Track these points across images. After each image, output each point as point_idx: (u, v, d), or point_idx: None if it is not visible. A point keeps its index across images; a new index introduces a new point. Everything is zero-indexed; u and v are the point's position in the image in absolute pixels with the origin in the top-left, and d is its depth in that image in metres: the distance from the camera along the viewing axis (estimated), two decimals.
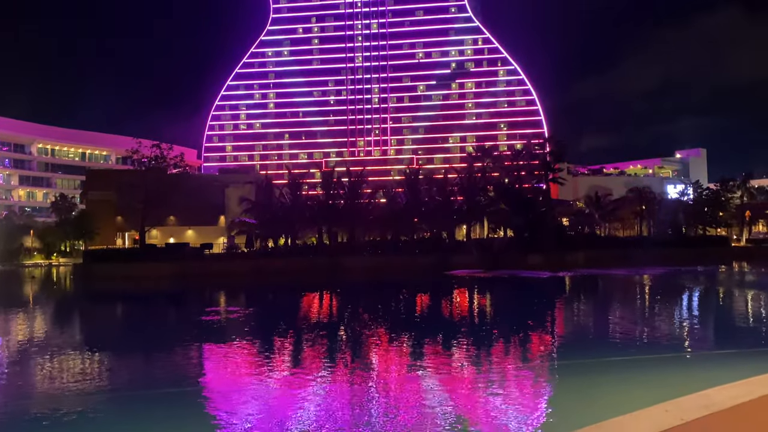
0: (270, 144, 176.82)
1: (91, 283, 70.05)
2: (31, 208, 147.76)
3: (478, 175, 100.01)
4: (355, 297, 52.12)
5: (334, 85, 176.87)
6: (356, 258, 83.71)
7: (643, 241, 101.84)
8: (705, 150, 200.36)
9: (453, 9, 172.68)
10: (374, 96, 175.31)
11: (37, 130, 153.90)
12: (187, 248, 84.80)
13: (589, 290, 56.86)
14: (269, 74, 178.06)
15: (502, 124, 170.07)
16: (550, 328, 34.14)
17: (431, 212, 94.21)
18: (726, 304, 44.90)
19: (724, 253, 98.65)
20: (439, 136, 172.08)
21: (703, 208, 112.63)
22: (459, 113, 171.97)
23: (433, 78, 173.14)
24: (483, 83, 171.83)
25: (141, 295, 59.80)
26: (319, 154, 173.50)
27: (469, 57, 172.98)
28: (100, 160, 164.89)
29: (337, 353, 25.95)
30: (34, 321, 40.59)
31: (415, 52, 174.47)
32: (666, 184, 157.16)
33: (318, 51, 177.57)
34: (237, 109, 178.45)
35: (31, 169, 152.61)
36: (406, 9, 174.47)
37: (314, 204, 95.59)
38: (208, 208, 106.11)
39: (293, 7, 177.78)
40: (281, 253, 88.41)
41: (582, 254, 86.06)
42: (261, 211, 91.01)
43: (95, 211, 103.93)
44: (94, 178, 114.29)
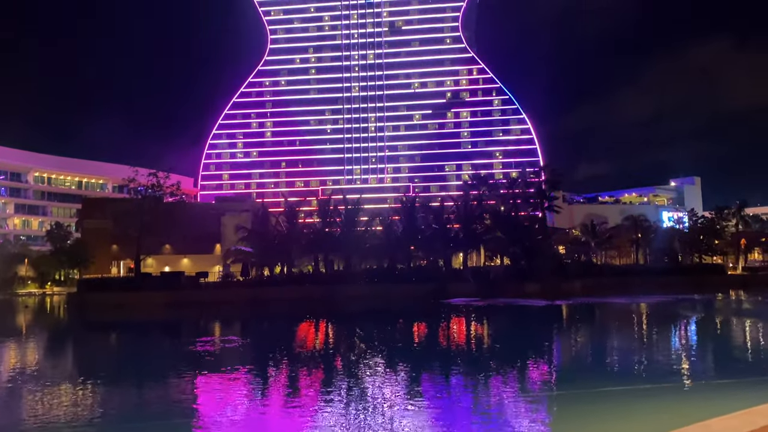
0: (267, 172, 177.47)
1: (86, 313, 69.44)
2: (26, 236, 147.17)
3: (474, 203, 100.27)
4: (352, 326, 51.73)
5: (331, 114, 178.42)
6: (352, 286, 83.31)
7: (640, 270, 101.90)
8: (699, 178, 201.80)
9: (448, 40, 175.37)
10: (370, 125, 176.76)
11: (34, 159, 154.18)
12: (182, 277, 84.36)
13: (586, 319, 56.60)
14: (267, 103, 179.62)
15: (497, 152, 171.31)
16: (548, 358, 33.89)
17: (428, 240, 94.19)
18: (724, 333, 44.71)
19: (721, 281, 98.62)
20: (435, 164, 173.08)
21: (699, 236, 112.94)
22: (455, 142, 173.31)
23: (429, 107, 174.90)
24: (478, 112, 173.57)
25: (135, 325, 59.22)
26: (315, 182, 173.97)
27: (464, 87, 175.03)
28: (97, 189, 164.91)
29: (333, 384, 25.65)
30: (26, 351, 40.10)
31: (411, 82, 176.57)
32: (661, 212, 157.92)
33: (315, 81, 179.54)
34: (234, 137, 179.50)
35: (27, 197, 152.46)
36: (402, 40, 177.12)
37: (310, 232, 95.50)
38: (204, 236, 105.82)
39: (291, 38, 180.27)
40: (277, 281, 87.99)
41: (579, 282, 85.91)
42: (257, 239, 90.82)
43: (90, 240, 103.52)
44: (89, 206, 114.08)
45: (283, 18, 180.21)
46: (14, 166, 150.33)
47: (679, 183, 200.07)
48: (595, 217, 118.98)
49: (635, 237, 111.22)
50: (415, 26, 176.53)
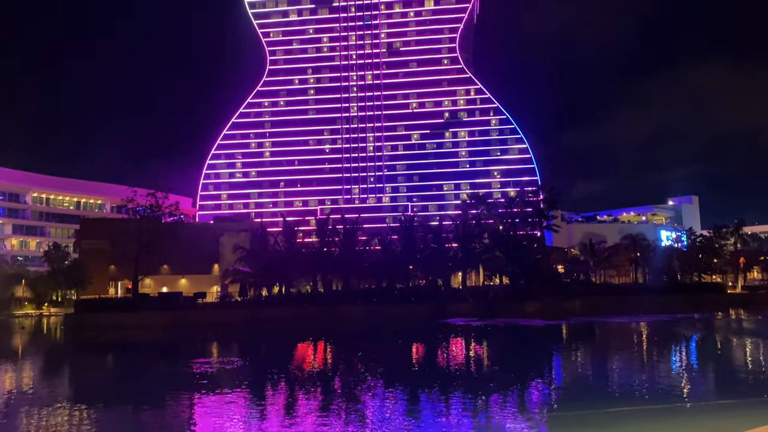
0: (265, 192, 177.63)
1: (83, 334, 68.94)
2: (24, 257, 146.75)
3: (472, 223, 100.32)
4: (350, 347, 51.40)
5: (330, 134, 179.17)
6: (351, 306, 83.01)
7: (639, 289, 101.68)
8: (697, 197, 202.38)
9: (446, 61, 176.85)
10: (369, 144, 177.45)
11: (33, 180, 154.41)
12: (180, 298, 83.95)
13: (586, 339, 56.33)
14: (265, 123, 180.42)
15: (495, 172, 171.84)
16: (549, 378, 33.66)
17: (426, 259, 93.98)
18: (725, 352, 44.47)
19: (720, 300, 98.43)
20: (433, 183, 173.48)
21: (698, 255, 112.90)
22: (453, 161, 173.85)
23: (427, 127, 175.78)
24: (476, 132, 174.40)
25: (133, 346, 58.79)
26: (314, 201, 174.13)
27: (461, 107, 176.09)
28: (95, 209, 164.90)
29: (331, 406, 25.43)
30: (22, 374, 39.75)
31: (409, 102, 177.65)
32: (659, 231, 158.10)
33: (314, 101, 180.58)
34: (233, 157, 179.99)
35: (26, 218, 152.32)
36: (400, 61, 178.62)
37: (309, 252, 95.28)
38: (202, 256, 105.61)
39: (290, 59, 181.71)
40: (275, 301, 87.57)
41: (578, 302, 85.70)
42: (255, 259, 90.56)
43: (88, 260, 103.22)
44: (88, 226, 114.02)
45: (282, 39, 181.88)
46: (13, 186, 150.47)
47: (677, 202, 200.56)
48: (594, 236, 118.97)
49: (634, 256, 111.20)
50: (412, 47, 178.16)
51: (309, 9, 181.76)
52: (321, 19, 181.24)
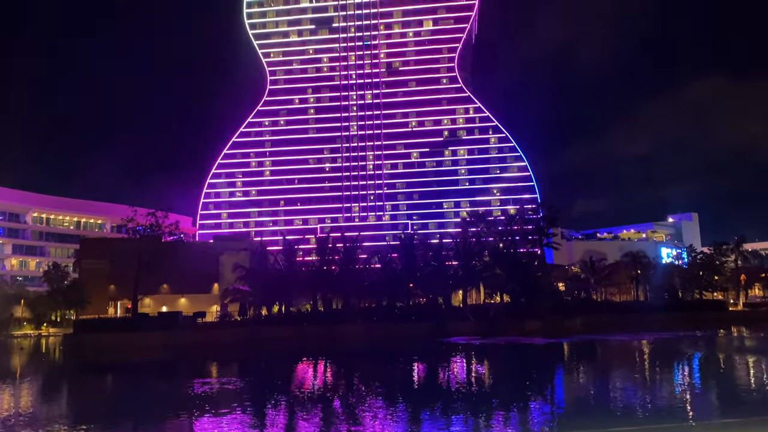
0: (265, 210, 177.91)
1: (82, 354, 68.54)
2: (23, 277, 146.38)
3: (472, 240, 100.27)
4: (350, 367, 51.10)
5: (330, 152, 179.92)
6: (351, 326, 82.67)
7: (640, 306, 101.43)
8: (696, 214, 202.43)
9: (444, 80, 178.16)
10: (369, 163, 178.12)
11: (33, 199, 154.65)
12: (180, 317, 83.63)
13: (588, 357, 56.02)
14: (266, 143, 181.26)
15: (495, 189, 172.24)
16: (551, 398, 33.42)
17: (427, 277, 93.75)
18: (728, 370, 44.19)
19: (722, 317, 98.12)
20: (433, 201, 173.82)
21: (698, 272, 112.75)
22: (452, 179, 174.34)
23: (427, 145, 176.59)
24: (475, 150, 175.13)
25: (132, 366, 58.42)
26: (314, 220, 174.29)
27: (461, 125, 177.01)
28: (96, 229, 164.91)
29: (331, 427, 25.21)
30: (21, 395, 39.47)
31: (408, 121, 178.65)
32: (660, 248, 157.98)
33: (314, 120, 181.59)
34: (233, 176, 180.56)
35: (26, 237, 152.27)
36: (399, 80, 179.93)
37: (309, 270, 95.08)
38: (201, 275, 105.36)
39: (290, 79, 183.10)
40: (275, 321, 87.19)
41: (579, 319, 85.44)
42: (255, 278, 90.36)
43: (88, 280, 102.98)
44: (87, 246, 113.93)
45: (282, 60, 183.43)
46: (13, 206, 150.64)
47: (676, 219, 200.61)
48: (594, 253, 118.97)
49: (635, 273, 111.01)
50: (411, 67, 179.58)
51: (309, 29, 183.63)
52: (321, 39, 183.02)
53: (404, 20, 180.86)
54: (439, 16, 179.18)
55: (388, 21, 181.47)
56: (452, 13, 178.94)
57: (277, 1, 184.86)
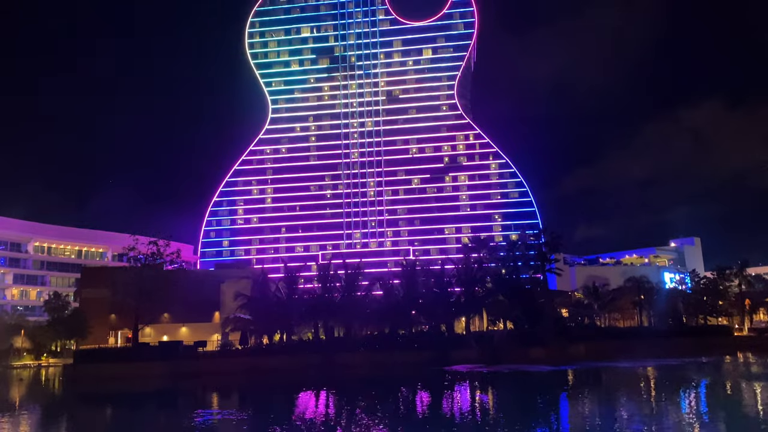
0: (267, 238, 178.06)
1: (82, 385, 67.86)
2: (24, 307, 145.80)
3: (474, 266, 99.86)
4: (353, 396, 50.49)
5: (331, 179, 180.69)
6: (353, 354, 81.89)
7: (644, 332, 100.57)
8: (699, 239, 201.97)
9: (444, 107, 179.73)
10: (370, 189, 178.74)
11: (34, 229, 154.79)
12: (180, 347, 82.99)
13: (594, 385, 55.35)
14: (267, 170, 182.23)
15: (496, 215, 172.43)
16: (555, 427, 32.92)
17: (429, 304, 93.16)
18: (736, 397, 43.59)
19: (727, 343, 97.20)
20: (434, 227, 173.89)
21: (702, 297, 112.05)
22: (453, 205, 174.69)
23: (427, 172, 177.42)
24: (476, 176, 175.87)
25: (132, 397, 57.75)
26: (315, 247, 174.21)
27: (461, 151, 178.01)
28: (97, 258, 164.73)
29: None
30: (19, 427, 38.95)
31: (409, 148, 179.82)
32: (663, 273, 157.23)
33: (315, 147, 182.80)
34: (235, 204, 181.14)
35: (27, 267, 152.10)
36: (399, 108, 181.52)
37: (310, 298, 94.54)
38: (203, 304, 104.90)
39: (291, 107, 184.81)
40: (276, 349, 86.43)
41: (583, 346, 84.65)
42: (256, 306, 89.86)
43: (88, 310, 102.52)
44: (88, 275, 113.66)
45: (283, 89, 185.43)
46: (15, 236, 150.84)
47: (678, 243, 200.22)
48: (597, 278, 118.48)
49: (638, 299, 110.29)
50: (411, 95, 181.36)
51: (310, 59, 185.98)
52: (322, 68, 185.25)
53: (404, 49, 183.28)
54: (439, 45, 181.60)
55: (388, 50, 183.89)
56: (451, 42, 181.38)
57: (279, 32, 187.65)
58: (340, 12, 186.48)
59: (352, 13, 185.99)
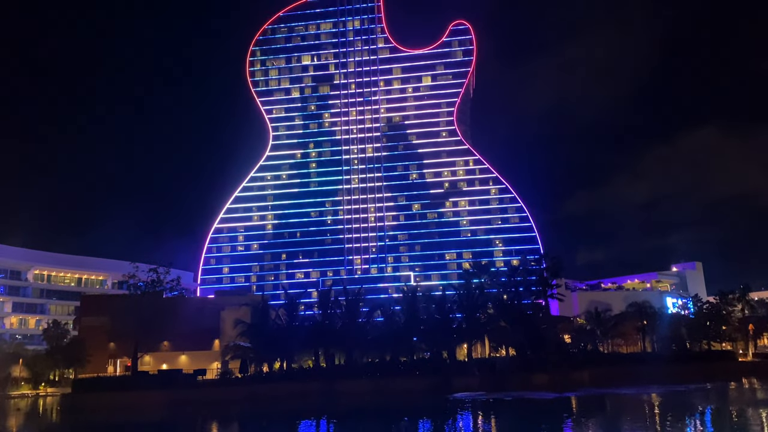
0: (267, 265, 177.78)
1: (80, 415, 67.02)
2: (23, 335, 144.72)
3: (476, 292, 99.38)
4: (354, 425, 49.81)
5: (331, 205, 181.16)
6: (354, 382, 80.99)
7: (648, 358, 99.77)
8: (700, 263, 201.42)
9: (444, 133, 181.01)
10: (370, 215, 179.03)
11: (34, 257, 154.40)
12: (180, 375, 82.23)
13: (599, 413, 54.64)
14: (268, 197, 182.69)
15: (497, 240, 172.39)
16: None
17: (430, 331, 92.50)
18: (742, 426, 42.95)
19: (732, 368, 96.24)
20: (435, 253, 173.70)
21: (706, 322, 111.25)
22: (454, 230, 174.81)
23: (427, 197, 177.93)
24: (476, 201, 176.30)
25: (131, 427, 57.00)
26: (315, 273, 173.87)
27: (461, 177, 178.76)
28: (97, 285, 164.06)
29: None
30: None
31: (409, 173, 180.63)
32: (665, 298, 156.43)
33: (315, 174, 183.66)
34: (235, 231, 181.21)
35: (26, 295, 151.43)
36: (399, 134, 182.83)
37: (311, 325, 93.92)
38: (202, 331, 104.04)
39: (292, 134, 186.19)
40: (276, 377, 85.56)
41: (587, 372, 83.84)
42: (256, 333, 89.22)
43: (88, 338, 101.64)
44: (88, 303, 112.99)
45: (284, 116, 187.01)
46: (15, 264, 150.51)
47: (680, 268, 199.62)
48: (599, 304, 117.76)
49: (641, 324, 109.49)
50: (411, 121, 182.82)
51: (311, 87, 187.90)
52: (322, 95, 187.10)
53: (403, 77, 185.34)
54: (438, 72, 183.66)
55: (388, 77, 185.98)
56: (450, 69, 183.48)
57: (279, 60, 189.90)
58: (340, 41, 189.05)
59: (352, 42, 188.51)
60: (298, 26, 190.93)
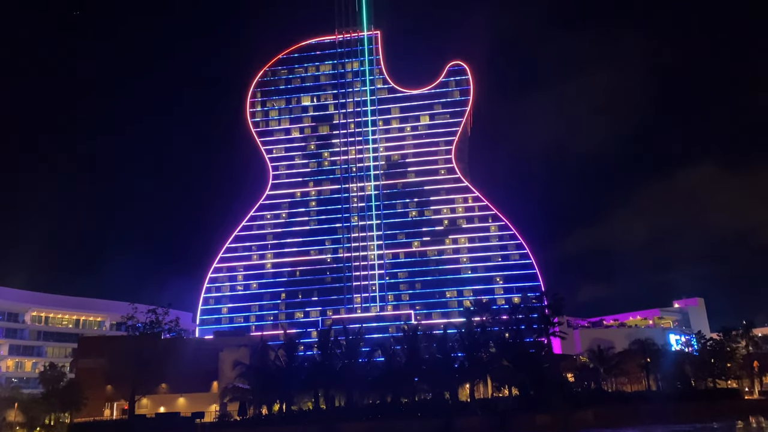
0: (266, 304, 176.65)
1: None
2: (19, 378, 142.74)
3: (477, 330, 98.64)
4: None
5: (331, 243, 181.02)
6: (355, 424, 79.79)
7: (653, 396, 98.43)
8: (702, 299, 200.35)
9: (442, 171, 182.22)
10: (370, 253, 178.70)
11: (33, 298, 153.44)
12: (178, 418, 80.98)
13: None
14: (267, 236, 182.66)
15: (497, 278, 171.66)
16: None
17: (432, 371, 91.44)
18: None
19: (738, 406, 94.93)
20: (435, 290, 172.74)
21: (710, 359, 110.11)
22: (454, 268, 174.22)
23: (427, 234, 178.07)
24: (476, 239, 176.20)
25: None
26: (315, 312, 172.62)
27: (460, 214, 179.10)
28: (95, 327, 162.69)
29: None
30: None
31: (408, 211, 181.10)
32: (668, 335, 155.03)
33: (315, 212, 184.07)
34: (235, 270, 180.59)
35: (23, 337, 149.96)
36: (398, 172, 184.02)
37: (310, 365, 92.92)
38: (201, 373, 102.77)
39: (292, 173, 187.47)
40: (276, 420, 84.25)
41: (591, 412, 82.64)
42: (255, 375, 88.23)
43: (84, 380, 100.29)
44: (85, 345, 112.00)
45: (284, 155, 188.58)
46: (13, 305, 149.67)
47: (682, 304, 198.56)
48: (601, 341, 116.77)
49: (644, 362, 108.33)
50: (410, 159, 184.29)
51: (310, 126, 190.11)
52: (322, 135, 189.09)
53: (402, 116, 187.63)
54: (435, 111, 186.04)
55: (387, 117, 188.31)
56: (448, 108, 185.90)
57: (280, 101, 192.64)
58: (339, 81, 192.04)
59: (351, 83, 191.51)
60: (298, 68, 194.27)
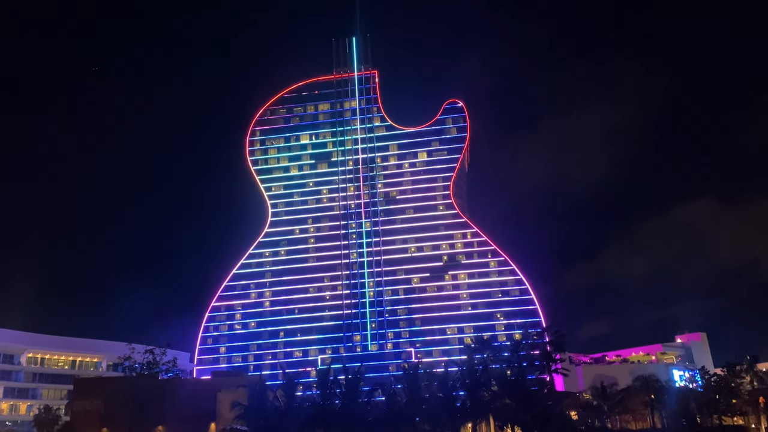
0: (265, 343, 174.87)
1: None
2: (13, 422, 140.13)
3: (479, 368, 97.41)
4: None
5: (330, 280, 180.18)
6: None
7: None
8: (705, 334, 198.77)
9: (441, 207, 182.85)
10: (369, 290, 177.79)
11: (28, 339, 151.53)
12: None
13: None
14: (266, 273, 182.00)
15: (497, 313, 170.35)
16: None
17: (433, 410, 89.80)
18: None
19: None
20: (436, 327, 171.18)
21: (715, 396, 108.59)
22: (454, 304, 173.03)
23: (427, 270, 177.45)
24: (475, 274, 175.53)
25: None
26: (314, 351, 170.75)
27: (459, 250, 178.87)
28: (91, 368, 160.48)
29: None
30: None
31: (407, 247, 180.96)
32: (672, 371, 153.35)
33: (314, 249, 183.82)
34: (233, 309, 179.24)
35: (18, 380, 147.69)
36: (397, 209, 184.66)
37: (310, 406, 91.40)
38: (198, 415, 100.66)
39: (290, 210, 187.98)
40: None
41: None
42: (254, 416, 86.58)
43: (80, 423, 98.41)
44: (81, 387, 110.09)
45: (283, 192, 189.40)
46: (8, 347, 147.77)
47: (685, 339, 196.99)
48: (604, 377, 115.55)
49: (648, 398, 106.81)
50: (408, 195, 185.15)
51: (309, 164, 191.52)
52: (320, 172, 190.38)
53: (399, 153, 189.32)
54: (433, 148, 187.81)
55: (385, 154, 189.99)
56: (445, 145, 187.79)
57: (279, 139, 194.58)
58: (338, 120, 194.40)
59: (349, 121, 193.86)
60: (296, 107, 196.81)
